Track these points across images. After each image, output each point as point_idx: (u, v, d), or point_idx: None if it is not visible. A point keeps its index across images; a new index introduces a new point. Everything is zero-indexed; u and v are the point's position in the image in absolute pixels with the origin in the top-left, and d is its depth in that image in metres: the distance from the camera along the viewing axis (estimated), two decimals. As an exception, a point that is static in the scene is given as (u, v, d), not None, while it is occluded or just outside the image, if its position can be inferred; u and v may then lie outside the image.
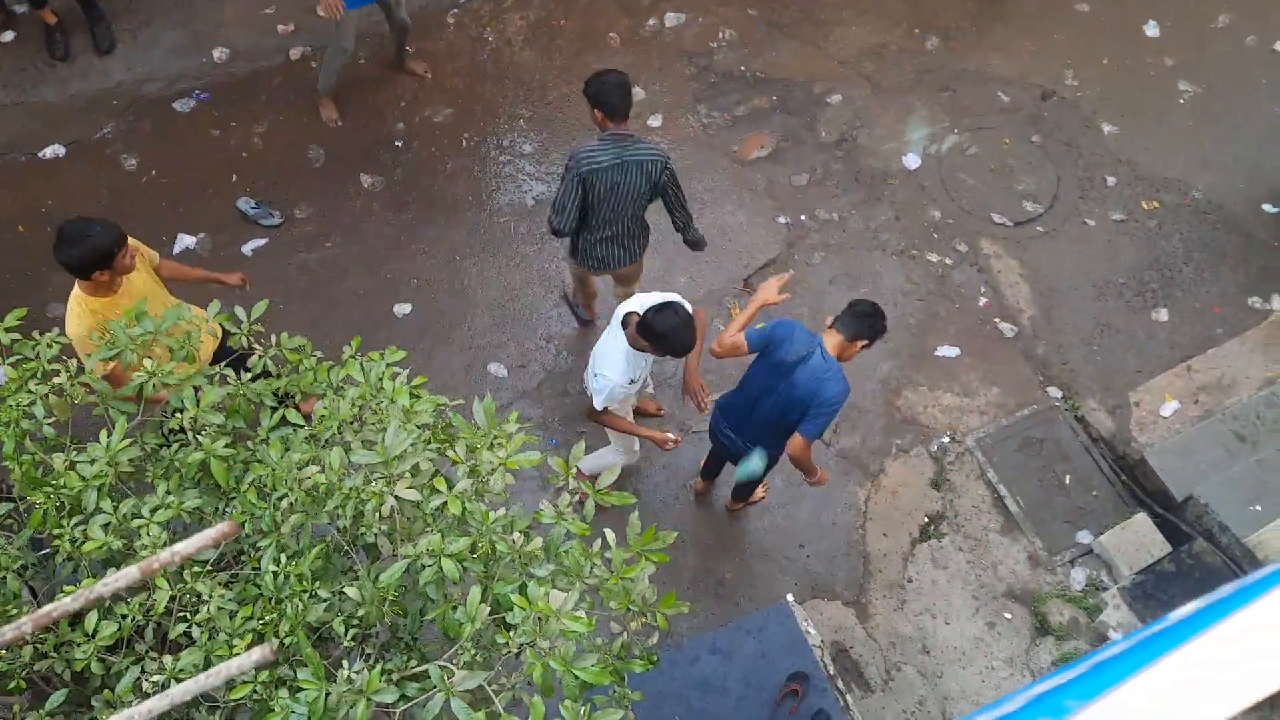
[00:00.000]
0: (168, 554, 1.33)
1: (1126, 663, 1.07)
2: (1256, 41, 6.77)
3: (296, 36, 6.62)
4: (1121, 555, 5.06)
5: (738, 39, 6.80)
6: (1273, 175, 6.27)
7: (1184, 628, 1.09)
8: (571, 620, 2.40)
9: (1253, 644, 1.00)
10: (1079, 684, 1.14)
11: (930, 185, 6.24)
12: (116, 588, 1.32)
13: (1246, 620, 1.02)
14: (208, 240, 5.87)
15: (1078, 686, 1.12)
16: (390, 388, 2.94)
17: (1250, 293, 5.87)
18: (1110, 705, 0.99)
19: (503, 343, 5.67)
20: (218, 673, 1.31)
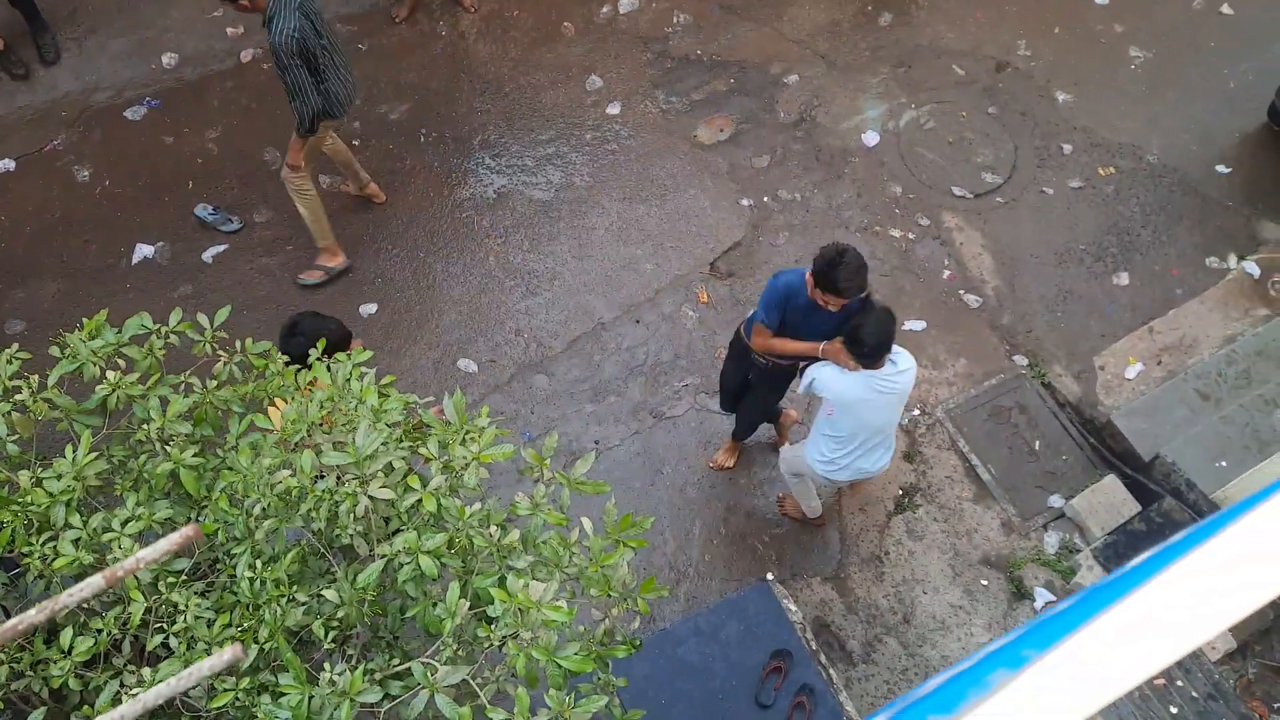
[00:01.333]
0: (132, 561, 1.32)
1: (1081, 610, 1.09)
2: (1204, 5, 6.86)
3: (246, 39, 6.53)
4: (1093, 517, 5.14)
5: (692, 23, 6.80)
6: (1224, 137, 6.37)
7: (1136, 573, 1.11)
8: (552, 610, 2.41)
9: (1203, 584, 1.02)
10: (1034, 633, 1.16)
11: (890, 161, 6.27)
12: (82, 597, 1.30)
13: (1196, 561, 1.04)
14: (166, 249, 5.79)
15: (1033, 636, 1.14)
16: (358, 387, 2.92)
17: (1207, 253, 5.96)
18: (1067, 651, 1.01)
19: (471, 338, 5.66)
20: (189, 675, 1.31)
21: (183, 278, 5.72)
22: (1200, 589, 1.02)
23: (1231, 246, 5.97)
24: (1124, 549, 4.95)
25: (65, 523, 2.73)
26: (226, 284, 5.69)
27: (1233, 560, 1.05)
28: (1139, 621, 1.01)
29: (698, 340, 5.69)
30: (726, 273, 5.91)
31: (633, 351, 5.67)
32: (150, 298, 5.58)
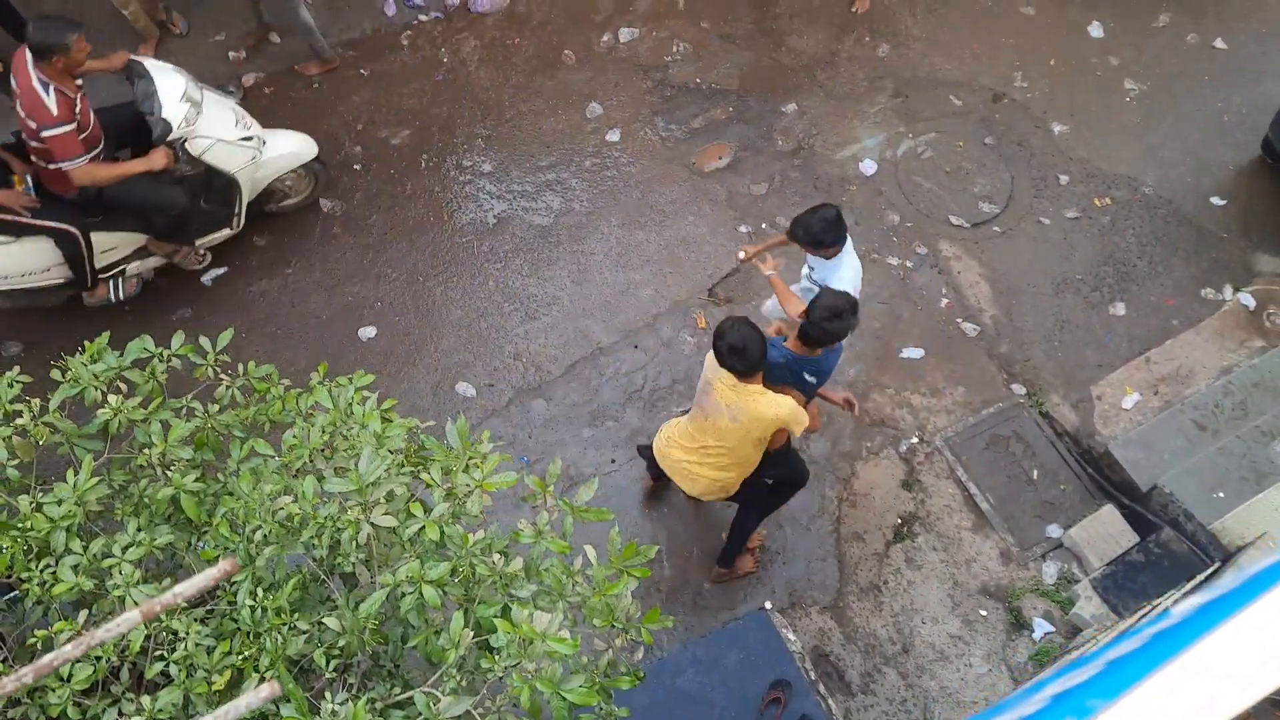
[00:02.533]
0: (169, 596, 1.31)
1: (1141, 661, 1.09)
2: (1197, 39, 6.94)
3: (249, 63, 6.56)
4: (1091, 547, 5.14)
5: (692, 52, 6.85)
6: (1219, 169, 6.42)
7: (1192, 625, 1.11)
8: (557, 642, 2.39)
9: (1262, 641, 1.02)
10: (1098, 683, 1.16)
11: (887, 190, 6.31)
12: (119, 633, 1.29)
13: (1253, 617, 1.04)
14: (166, 271, 5.78)
15: (1097, 685, 1.14)
16: (360, 413, 2.91)
17: (1203, 284, 6.00)
18: (1133, 704, 1.01)
19: (469, 362, 5.65)
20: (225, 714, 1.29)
21: (182, 300, 5.71)
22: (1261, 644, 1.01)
23: (1227, 278, 6.01)
24: (1123, 579, 4.94)
25: (65, 548, 2.71)
26: (225, 307, 5.68)
27: None
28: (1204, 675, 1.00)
29: (696, 366, 5.68)
30: (725, 299, 5.92)
31: (631, 377, 5.67)
32: (149, 321, 5.57)
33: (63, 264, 5.16)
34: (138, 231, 5.32)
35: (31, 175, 5.01)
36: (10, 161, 5.01)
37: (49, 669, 1.23)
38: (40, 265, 5.12)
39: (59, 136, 4.66)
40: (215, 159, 5.20)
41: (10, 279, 5.10)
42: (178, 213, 5.26)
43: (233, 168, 5.28)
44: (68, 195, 5.00)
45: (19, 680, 1.20)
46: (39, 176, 5.00)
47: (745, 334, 3.92)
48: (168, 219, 5.28)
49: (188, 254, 5.62)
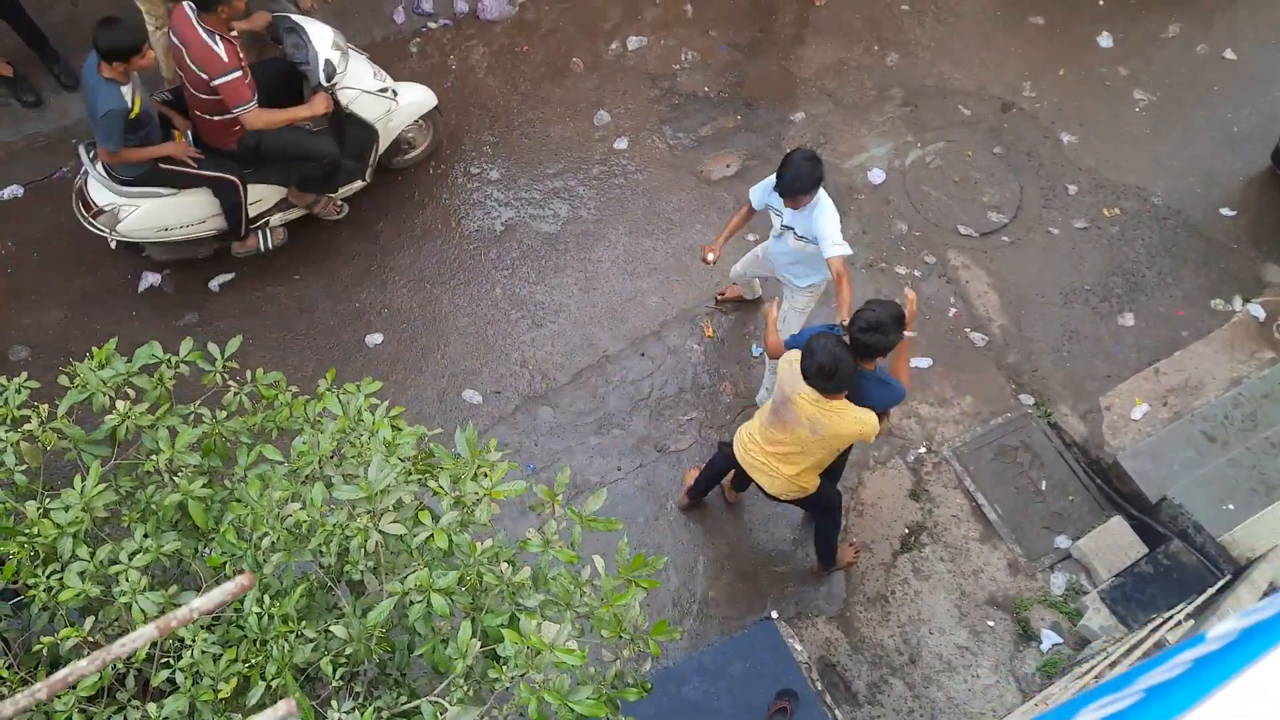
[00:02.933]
0: (185, 611, 1.29)
1: (1186, 689, 1.07)
2: (1207, 50, 6.93)
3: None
4: (1099, 558, 5.11)
5: (700, 60, 6.85)
6: (1228, 180, 6.40)
7: (1238, 650, 1.09)
8: (565, 653, 2.38)
9: None
10: (1140, 713, 1.14)
11: (895, 199, 6.30)
12: (134, 648, 1.28)
13: None
14: (172, 276, 5.79)
15: (1140, 715, 1.12)
16: (370, 420, 2.90)
17: (1212, 295, 5.98)
18: None
19: (476, 369, 5.64)
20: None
21: (188, 305, 5.71)
22: None
23: (1237, 289, 5.99)
24: (1131, 591, 4.91)
25: (72, 554, 2.71)
26: (233, 312, 5.68)
27: None
28: (1260, 695, 0.98)
29: (702, 374, 5.68)
30: (732, 307, 5.91)
31: (637, 385, 5.65)
32: (155, 325, 5.57)
33: (219, 215, 5.43)
34: (285, 183, 5.58)
35: (191, 130, 5.27)
36: (171, 117, 5.25)
37: (62, 684, 1.22)
38: (198, 217, 5.39)
39: (232, 83, 4.85)
40: (360, 109, 5.43)
41: (171, 230, 5.38)
42: (328, 161, 5.49)
43: (373, 118, 5.50)
44: (226, 148, 5.25)
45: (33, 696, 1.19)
46: (198, 130, 5.24)
47: (836, 354, 3.88)
48: (318, 168, 5.51)
49: (326, 204, 5.87)
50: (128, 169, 5.09)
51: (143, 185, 5.16)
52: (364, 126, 5.50)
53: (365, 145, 5.63)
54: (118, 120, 4.78)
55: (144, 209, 5.22)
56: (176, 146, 5.15)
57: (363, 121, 5.47)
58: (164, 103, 5.26)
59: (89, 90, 4.76)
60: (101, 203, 5.19)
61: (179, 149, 5.14)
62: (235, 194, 5.32)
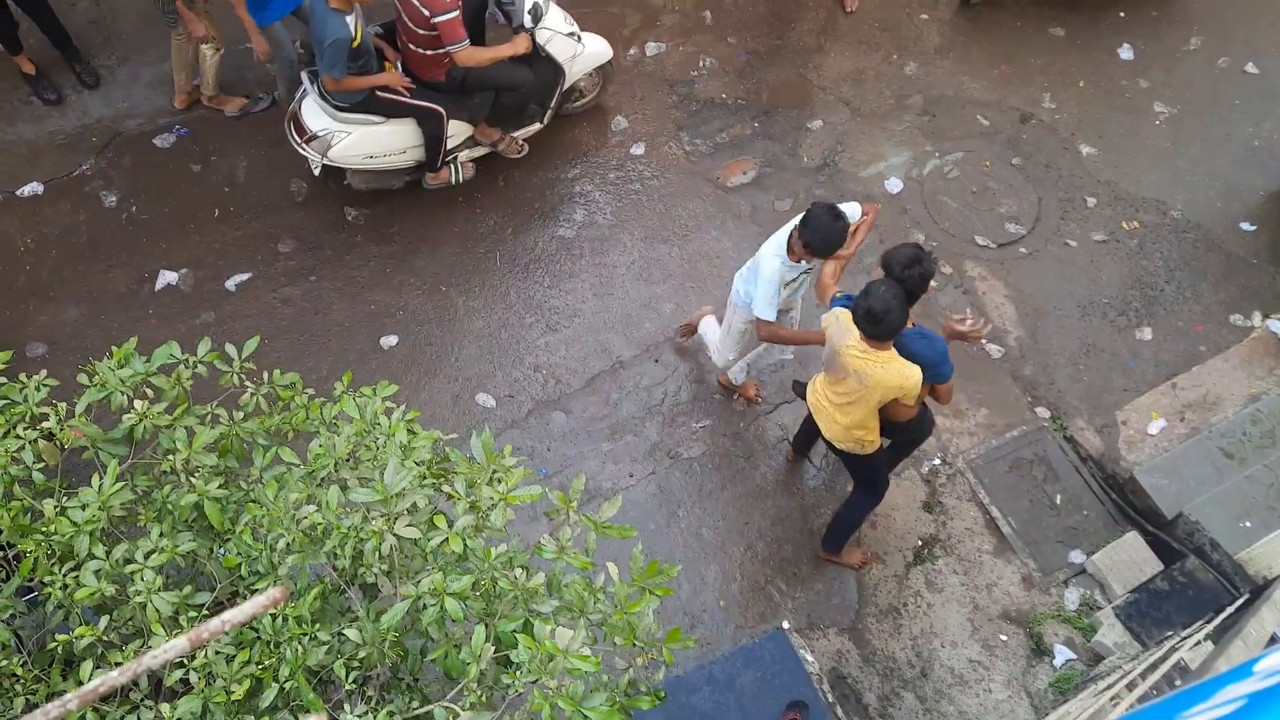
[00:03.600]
0: (217, 623, 1.29)
1: None
2: (1228, 63, 6.89)
3: (278, 71, 6.59)
4: (1114, 574, 5.07)
5: (718, 67, 6.85)
6: (1249, 194, 6.36)
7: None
8: (579, 659, 2.37)
9: None
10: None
11: (913, 208, 6.28)
12: (166, 659, 1.27)
13: None
14: (190, 276, 5.81)
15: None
16: (387, 424, 2.90)
17: (1232, 310, 5.94)
18: None
19: (490, 373, 5.64)
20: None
21: (205, 305, 5.73)
22: None
23: (1256, 304, 5.94)
24: (1146, 607, 4.87)
25: (88, 553, 2.71)
26: (249, 312, 5.70)
27: None
28: None
29: (716, 382, 5.66)
30: (747, 315, 5.90)
31: (651, 391, 5.64)
32: (172, 324, 5.59)
33: (419, 146, 5.77)
34: (478, 119, 5.91)
35: (400, 62, 5.61)
36: (384, 49, 5.59)
37: (94, 695, 1.21)
38: (401, 146, 5.73)
39: (450, 21, 5.17)
40: (553, 49, 5.78)
41: (375, 159, 5.72)
42: (524, 92, 5.80)
43: (562, 59, 5.84)
44: (433, 80, 5.57)
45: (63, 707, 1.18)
46: (408, 63, 5.58)
47: (889, 302, 3.92)
48: (515, 100, 5.84)
49: (510, 143, 6.17)
50: (346, 96, 5.40)
51: (358, 112, 5.48)
52: (553, 67, 5.85)
53: (551, 85, 5.97)
54: (343, 48, 5.06)
55: (354, 136, 5.55)
56: (392, 76, 5.47)
57: (553, 62, 5.82)
58: (377, 35, 5.61)
59: (316, 20, 5.03)
60: (315, 128, 5.52)
61: (394, 78, 5.46)
62: (439, 124, 5.63)
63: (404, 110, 5.55)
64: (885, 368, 4.07)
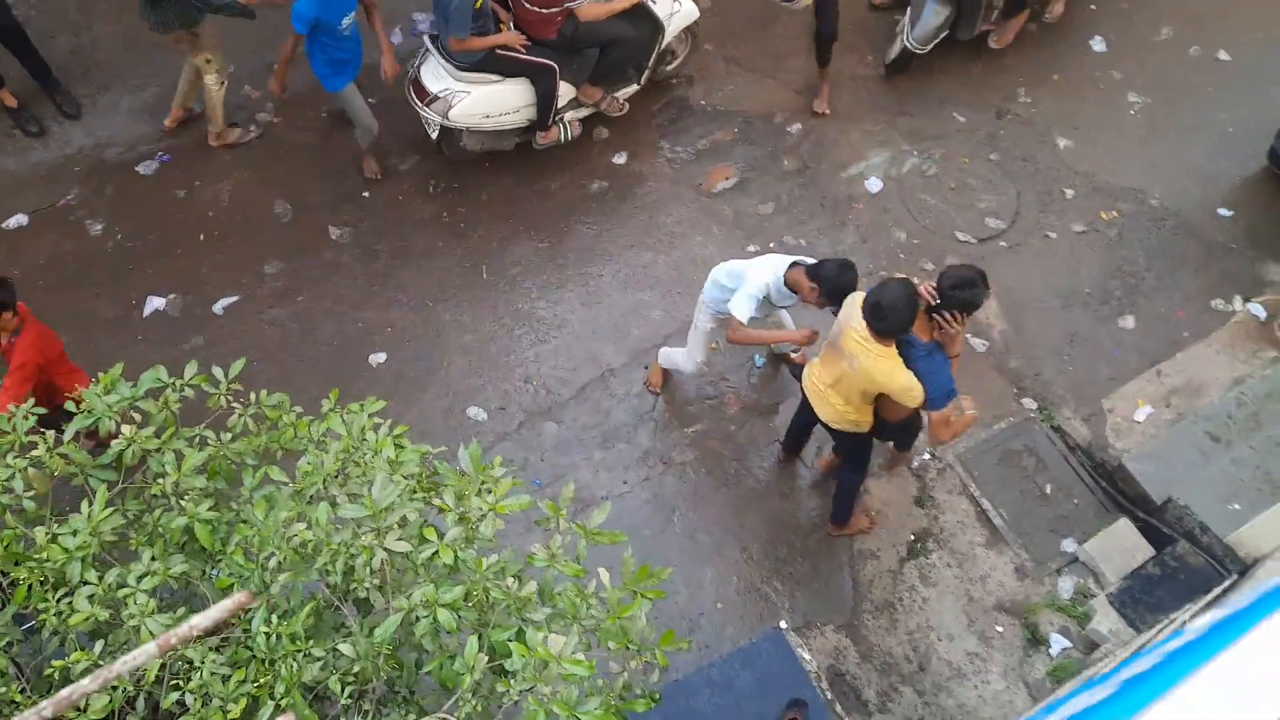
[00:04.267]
0: (184, 628, 1.32)
1: (1156, 679, 1.09)
2: (1200, 52, 6.96)
3: (261, 100, 6.61)
4: (1107, 561, 5.11)
5: (696, 75, 6.89)
6: (1225, 180, 6.42)
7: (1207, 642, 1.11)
8: (573, 664, 2.39)
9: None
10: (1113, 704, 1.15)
11: (893, 207, 6.33)
12: (136, 664, 1.30)
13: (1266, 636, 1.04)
14: (178, 301, 5.84)
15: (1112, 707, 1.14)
16: (374, 439, 2.93)
17: (1212, 295, 5.99)
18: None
19: (480, 386, 5.67)
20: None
21: (193, 329, 5.75)
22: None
23: (1236, 289, 6.00)
24: (1139, 593, 4.90)
25: (81, 579, 2.73)
26: (237, 334, 5.72)
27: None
28: (1222, 687, 1.00)
29: (706, 386, 5.70)
30: (733, 319, 5.93)
31: (641, 398, 5.67)
32: (161, 349, 5.61)
33: (531, 105, 6.01)
34: (581, 80, 6.14)
35: (512, 21, 5.84)
36: (497, 10, 5.79)
37: (68, 702, 1.24)
38: (515, 105, 5.98)
39: None
40: (657, 8, 6.05)
41: (491, 118, 5.97)
42: (628, 50, 6.08)
43: (663, 15, 6.12)
44: (545, 38, 5.82)
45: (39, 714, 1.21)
46: (520, 22, 5.82)
47: (897, 301, 3.98)
48: (621, 55, 6.10)
49: (611, 102, 6.39)
50: (467, 56, 5.67)
51: (478, 71, 5.75)
52: (653, 24, 6.08)
53: (650, 43, 6.20)
54: (468, 11, 5.38)
55: (473, 96, 5.81)
56: (511, 35, 5.72)
57: (654, 19, 6.05)
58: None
59: None
60: (436, 89, 5.81)
61: (513, 37, 5.72)
62: (552, 81, 5.88)
63: (520, 68, 5.81)
64: (877, 361, 4.12)
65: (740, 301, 4.64)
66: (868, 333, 4.11)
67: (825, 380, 4.49)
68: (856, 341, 4.17)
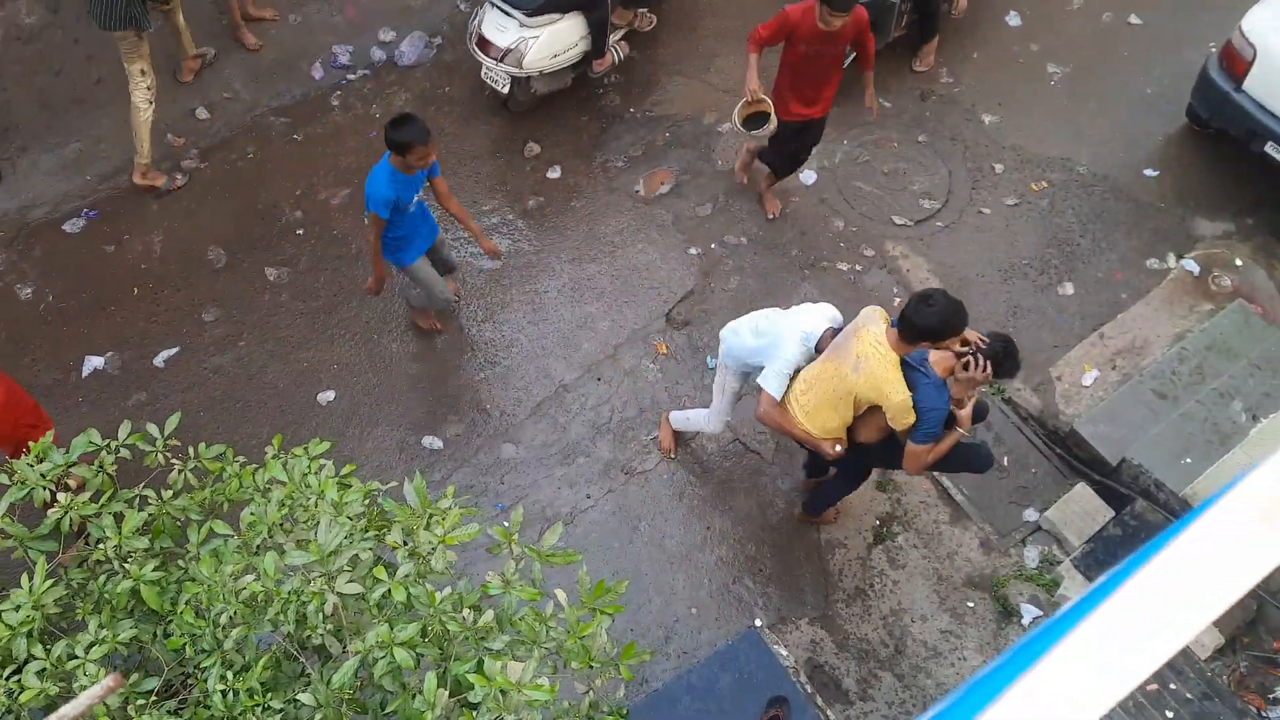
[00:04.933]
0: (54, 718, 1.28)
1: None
2: (1111, 18, 7.09)
3: (186, 147, 6.52)
4: (1069, 527, 5.17)
5: (623, 82, 6.90)
6: (1148, 141, 6.55)
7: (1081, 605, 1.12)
8: (533, 690, 2.37)
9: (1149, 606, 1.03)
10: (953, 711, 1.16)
11: (829, 197, 6.37)
12: None
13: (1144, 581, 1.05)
14: (116, 358, 5.72)
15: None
16: (316, 482, 2.88)
17: (1147, 255, 6.10)
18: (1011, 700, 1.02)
19: (434, 414, 5.62)
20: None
21: (135, 385, 5.65)
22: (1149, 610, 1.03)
23: (1169, 246, 6.11)
24: (1103, 555, 4.97)
25: (28, 654, 2.66)
26: (181, 386, 5.63)
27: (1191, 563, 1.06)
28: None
29: (661, 392, 5.69)
30: (683, 322, 5.94)
31: (597, 410, 5.66)
32: (104, 409, 5.50)
33: (585, 36, 6.36)
34: (616, 5, 6.55)
35: None
36: None
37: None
38: (574, 40, 6.34)
39: None
40: None
41: (558, 56, 6.31)
42: None
43: None
44: None
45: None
46: None
47: (949, 301, 3.89)
48: None
49: (640, 19, 6.93)
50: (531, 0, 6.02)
51: (543, 14, 6.05)
52: None
53: None
54: None
55: (542, 38, 6.14)
56: None
57: None
58: None
59: None
60: (507, 43, 6.12)
61: None
62: (605, 9, 6.27)
63: (577, 3, 6.16)
64: (887, 370, 3.97)
65: (772, 379, 4.36)
66: (885, 338, 4.00)
67: (800, 401, 4.31)
68: (871, 345, 4.01)
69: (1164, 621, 1.03)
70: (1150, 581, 1.07)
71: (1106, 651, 1.03)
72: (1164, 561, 1.08)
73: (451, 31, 7.11)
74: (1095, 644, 1.03)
